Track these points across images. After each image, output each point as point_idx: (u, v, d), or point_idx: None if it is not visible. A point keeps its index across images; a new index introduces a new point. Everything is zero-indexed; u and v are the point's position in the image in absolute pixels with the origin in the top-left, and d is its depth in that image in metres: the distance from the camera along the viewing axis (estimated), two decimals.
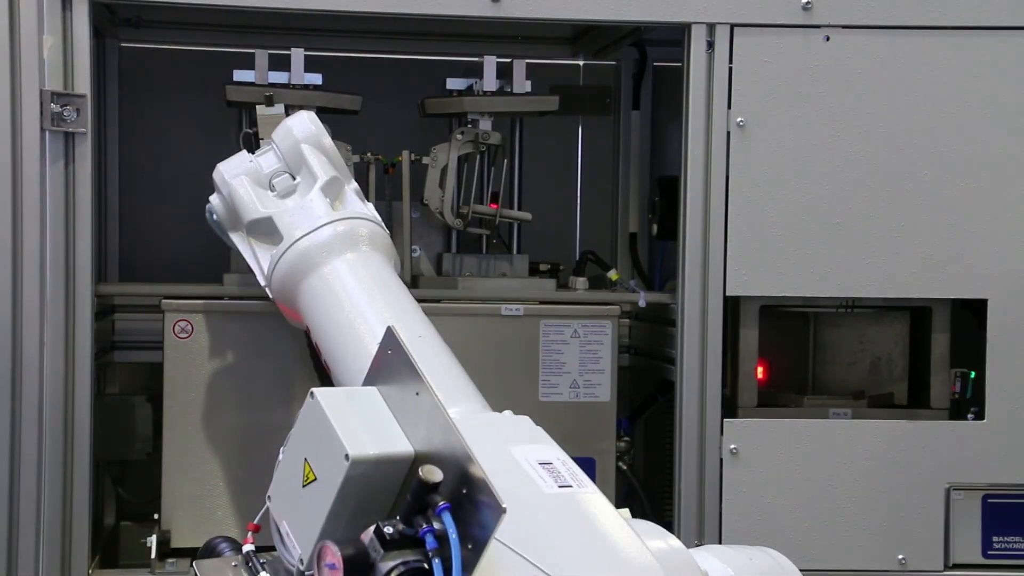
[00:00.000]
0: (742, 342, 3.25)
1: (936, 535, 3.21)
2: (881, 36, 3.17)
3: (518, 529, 1.63)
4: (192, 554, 3.16)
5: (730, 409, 3.22)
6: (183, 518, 3.14)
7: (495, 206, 3.42)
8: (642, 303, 3.34)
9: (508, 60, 3.44)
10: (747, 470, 3.18)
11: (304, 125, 2.65)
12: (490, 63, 3.38)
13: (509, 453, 1.76)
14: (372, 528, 1.63)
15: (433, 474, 1.62)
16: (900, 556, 3.19)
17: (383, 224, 2.54)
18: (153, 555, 3.07)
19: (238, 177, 2.58)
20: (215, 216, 2.64)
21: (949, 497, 3.21)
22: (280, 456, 1.85)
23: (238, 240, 2.60)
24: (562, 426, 3.23)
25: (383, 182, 3.43)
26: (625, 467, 3.47)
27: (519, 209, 3.49)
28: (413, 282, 3.40)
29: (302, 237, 2.40)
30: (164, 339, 3.15)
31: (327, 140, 2.63)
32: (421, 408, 1.73)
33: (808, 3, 3.14)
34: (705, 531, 3.17)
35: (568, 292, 3.42)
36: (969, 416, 3.24)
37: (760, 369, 3.27)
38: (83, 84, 2.94)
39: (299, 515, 1.77)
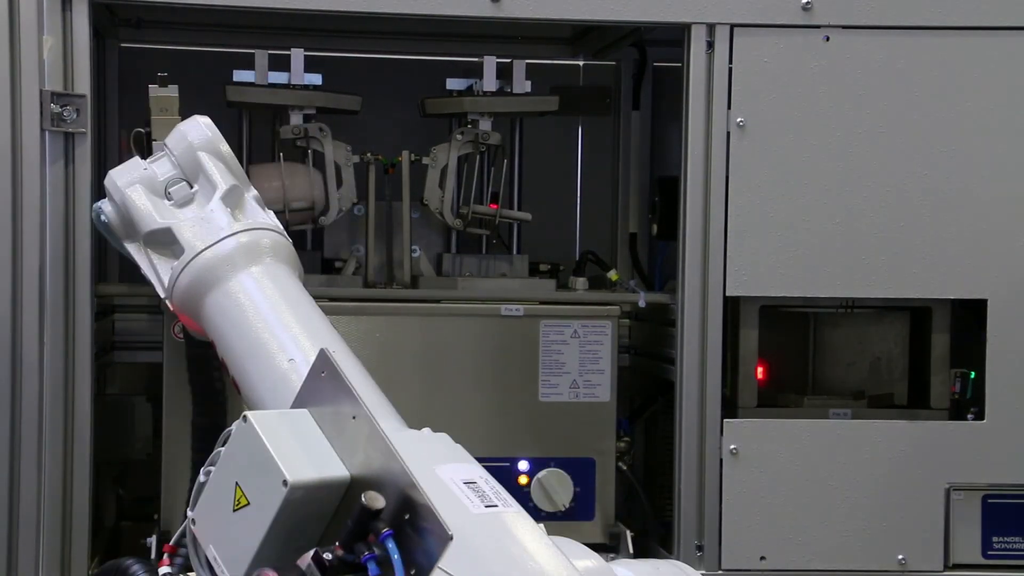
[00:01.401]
0: (742, 342, 3.25)
1: (936, 535, 3.21)
2: (881, 36, 3.17)
3: (449, 552, 1.62)
4: None
5: (730, 409, 3.22)
6: (183, 518, 3.14)
7: (495, 206, 3.42)
8: (642, 303, 3.34)
9: (508, 60, 3.44)
10: (747, 470, 3.18)
11: (200, 131, 2.51)
12: (490, 63, 3.38)
13: (435, 473, 1.74)
14: (310, 554, 1.61)
15: (376, 501, 1.61)
16: (900, 556, 3.19)
17: (285, 233, 2.44)
18: (153, 555, 3.07)
19: (133, 185, 2.45)
20: (104, 218, 2.51)
21: (949, 497, 3.21)
22: (204, 477, 1.80)
23: (134, 250, 2.47)
24: (562, 426, 3.25)
25: (383, 182, 3.43)
26: (625, 467, 3.47)
27: (519, 209, 3.49)
28: (413, 282, 3.40)
29: (204, 250, 2.29)
30: (164, 339, 3.15)
31: (225, 147, 2.50)
32: (358, 432, 1.71)
33: (808, 3, 3.14)
34: (705, 531, 3.17)
35: (568, 292, 3.42)
36: (969, 416, 3.24)
37: (760, 369, 3.27)
38: (83, 84, 2.94)
39: (229, 540, 1.74)
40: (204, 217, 2.36)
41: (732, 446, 3.17)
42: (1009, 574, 3.23)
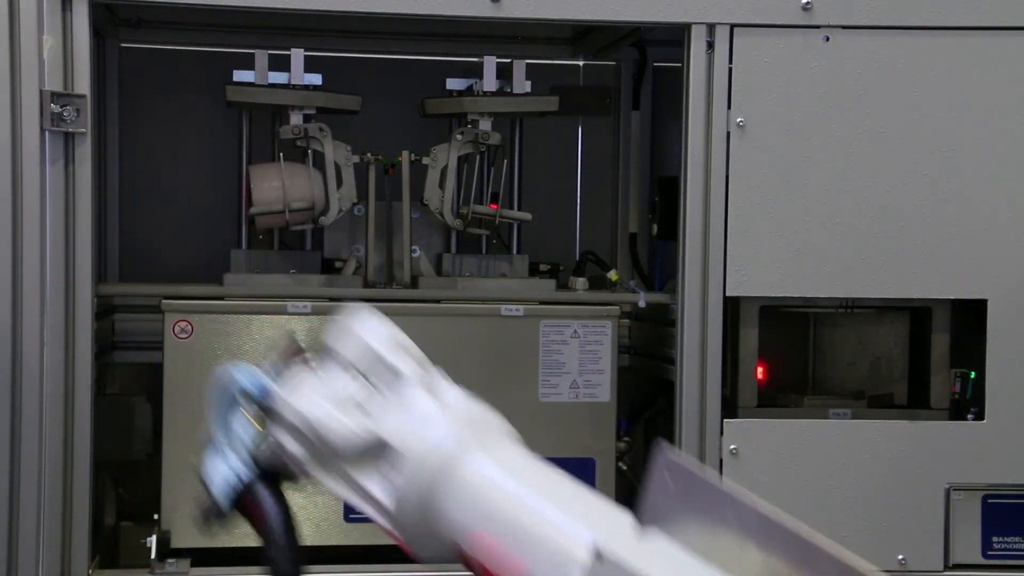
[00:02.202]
0: (742, 342, 3.25)
1: (936, 535, 3.21)
2: (881, 36, 3.17)
3: None
4: (192, 554, 3.16)
5: (730, 409, 3.22)
6: (183, 518, 3.14)
7: (495, 206, 3.42)
8: (642, 303, 3.34)
9: (508, 60, 3.44)
10: (747, 470, 3.18)
11: (374, 328, 2.01)
12: (490, 63, 3.38)
13: None
14: None
15: None
16: (900, 556, 3.19)
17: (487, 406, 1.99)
18: (153, 555, 3.07)
19: (316, 404, 1.97)
20: (272, 446, 1.92)
21: (949, 497, 3.21)
22: None
23: (325, 479, 1.91)
24: (562, 426, 3.25)
25: (383, 182, 3.43)
26: (625, 467, 3.47)
27: (519, 209, 3.49)
28: (413, 282, 3.40)
29: (429, 448, 1.83)
30: (164, 339, 3.15)
31: (399, 333, 1.99)
32: (730, 541, 1.37)
33: (808, 3, 3.14)
34: None
35: (568, 292, 3.42)
36: (969, 416, 3.24)
37: (760, 369, 3.27)
38: (83, 84, 2.94)
39: None
40: (407, 411, 1.92)
41: (732, 446, 3.17)
42: (1009, 574, 3.23)
